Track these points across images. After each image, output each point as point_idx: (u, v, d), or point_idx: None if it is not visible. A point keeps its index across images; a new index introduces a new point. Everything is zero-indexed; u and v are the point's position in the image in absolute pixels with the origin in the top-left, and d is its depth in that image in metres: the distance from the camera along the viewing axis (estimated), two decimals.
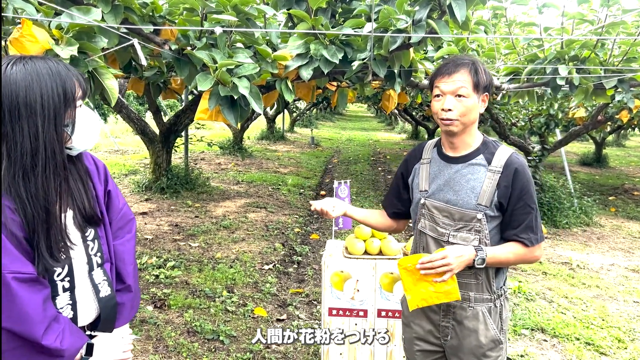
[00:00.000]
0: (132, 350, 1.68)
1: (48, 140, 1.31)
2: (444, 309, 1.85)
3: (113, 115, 17.55)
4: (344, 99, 4.30)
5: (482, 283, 1.80)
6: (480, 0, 2.82)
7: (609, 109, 7.40)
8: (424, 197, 1.86)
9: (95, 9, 2.33)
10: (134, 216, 1.72)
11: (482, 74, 1.72)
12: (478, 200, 1.73)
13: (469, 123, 1.75)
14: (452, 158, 1.83)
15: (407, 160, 2.00)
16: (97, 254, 1.53)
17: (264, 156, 12.86)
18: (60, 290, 1.43)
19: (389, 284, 2.76)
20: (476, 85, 1.71)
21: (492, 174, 1.74)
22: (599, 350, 3.56)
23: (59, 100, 1.32)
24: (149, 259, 4.86)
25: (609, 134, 13.81)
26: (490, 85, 1.77)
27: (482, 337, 1.80)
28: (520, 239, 1.75)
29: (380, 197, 8.45)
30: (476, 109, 1.74)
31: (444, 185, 1.81)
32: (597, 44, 3.57)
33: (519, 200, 1.73)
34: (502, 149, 1.79)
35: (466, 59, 1.75)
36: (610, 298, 4.57)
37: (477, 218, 1.74)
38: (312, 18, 2.95)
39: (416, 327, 1.95)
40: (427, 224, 1.86)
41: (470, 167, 1.78)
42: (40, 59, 1.34)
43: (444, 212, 1.80)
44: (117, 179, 8.72)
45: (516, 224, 1.75)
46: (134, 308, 1.68)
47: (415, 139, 20.13)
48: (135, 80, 4.84)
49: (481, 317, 1.80)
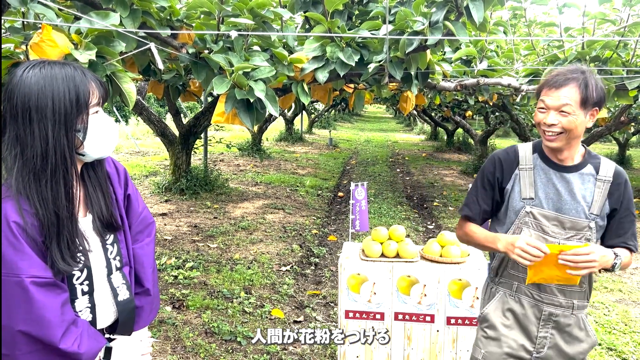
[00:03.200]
0: (150, 353, 1.69)
1: (58, 145, 1.31)
2: (545, 319, 1.85)
3: (134, 117, 17.77)
4: (360, 101, 4.29)
5: (585, 291, 1.84)
6: (498, 1, 2.79)
7: (632, 110, 7.25)
8: (529, 205, 1.81)
9: (113, 14, 2.36)
10: (153, 220, 1.72)
11: (592, 90, 1.67)
12: (590, 209, 1.76)
13: (573, 138, 1.73)
14: (562, 167, 1.81)
15: (501, 164, 1.88)
16: (116, 257, 1.53)
17: (282, 157, 12.89)
18: (79, 294, 1.43)
19: (406, 287, 2.75)
20: (584, 101, 1.66)
21: (602, 184, 1.77)
22: (621, 356, 3.49)
23: (70, 105, 1.32)
24: (168, 259, 4.91)
25: (632, 135, 13.53)
26: (602, 100, 1.71)
27: (585, 343, 1.86)
28: (628, 245, 1.80)
29: (399, 198, 8.41)
30: (582, 125, 1.70)
31: (555, 194, 1.79)
32: (619, 44, 3.51)
33: (626, 209, 1.79)
34: (605, 159, 1.82)
35: (577, 71, 1.69)
36: (634, 303, 4.48)
37: (589, 226, 1.76)
38: (328, 21, 2.96)
39: (510, 341, 1.88)
40: (532, 233, 1.81)
41: (581, 177, 1.78)
42: (58, 64, 1.35)
43: (554, 221, 1.79)
44: (138, 180, 8.83)
45: (623, 232, 1.81)
46: (152, 311, 1.68)
47: (434, 140, 19.99)
48: (155, 83, 4.90)
49: (582, 324, 1.85)
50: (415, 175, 11.18)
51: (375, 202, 7.95)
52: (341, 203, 8.11)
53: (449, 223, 6.88)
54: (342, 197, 8.51)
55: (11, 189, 1.30)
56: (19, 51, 2.16)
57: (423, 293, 2.73)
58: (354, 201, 3.04)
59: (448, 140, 16.93)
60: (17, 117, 1.30)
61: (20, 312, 1.26)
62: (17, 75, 1.30)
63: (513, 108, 7.59)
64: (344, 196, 8.51)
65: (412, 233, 6.34)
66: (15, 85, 1.30)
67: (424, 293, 2.73)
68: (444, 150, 16.30)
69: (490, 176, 1.90)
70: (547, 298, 1.83)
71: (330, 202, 8.21)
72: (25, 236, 1.28)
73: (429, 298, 2.73)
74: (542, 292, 1.83)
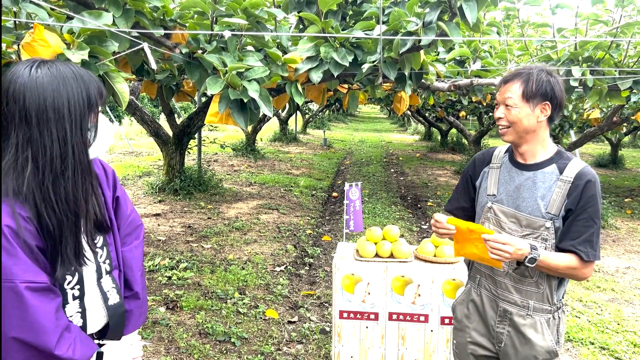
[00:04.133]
0: (142, 357, 1.67)
1: (76, 144, 1.31)
2: (501, 314, 1.86)
3: (127, 117, 17.71)
4: (355, 101, 4.30)
5: (543, 293, 1.80)
6: (491, 2, 2.80)
7: (624, 110, 7.30)
8: (491, 201, 1.88)
9: (106, 13, 2.35)
10: (142, 222, 1.70)
11: (532, 84, 1.72)
12: (547, 208, 1.74)
13: (523, 131, 1.76)
14: (523, 165, 1.84)
15: (474, 163, 2.01)
16: (106, 261, 1.51)
17: (277, 158, 12.88)
18: (70, 299, 1.41)
19: (400, 287, 2.75)
20: (525, 94, 1.73)
21: (563, 183, 1.74)
22: (614, 355, 3.51)
23: (84, 104, 1.32)
24: (162, 260, 4.89)
25: (624, 135, 13.62)
26: (547, 94, 1.73)
27: (539, 347, 1.80)
28: (577, 250, 1.72)
29: (393, 198, 8.42)
30: (528, 118, 1.74)
31: (514, 192, 1.82)
32: (612, 45, 3.53)
33: (584, 212, 1.71)
34: (577, 160, 1.79)
35: (527, 69, 1.77)
36: (626, 302, 4.50)
37: (545, 226, 1.75)
38: (322, 21, 2.95)
39: (471, 332, 1.95)
40: (492, 228, 1.85)
41: (541, 175, 1.78)
42: (61, 64, 1.33)
43: (511, 218, 1.81)
44: (131, 180, 8.80)
45: (575, 235, 1.72)
46: (142, 315, 1.66)
47: (428, 140, 20.03)
48: (148, 83, 4.89)
49: (539, 327, 1.81)
50: (409, 175, 11.20)
51: (370, 202, 7.95)
52: (335, 203, 8.11)
53: None
54: (336, 197, 8.51)
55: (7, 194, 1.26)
56: (10, 51, 2.15)
57: (417, 293, 2.73)
58: (348, 201, 3.04)
59: (442, 140, 16.98)
60: (29, 118, 1.26)
61: (13, 318, 1.24)
62: (24, 76, 1.27)
63: None
64: (338, 196, 8.51)
65: (406, 233, 6.35)
66: (23, 85, 1.26)
67: (418, 293, 2.73)
68: (437, 150, 16.34)
69: (466, 174, 2.04)
70: (502, 294, 1.85)
71: (325, 203, 8.21)
72: (19, 241, 1.25)
73: (423, 298, 2.73)
74: (498, 287, 1.87)
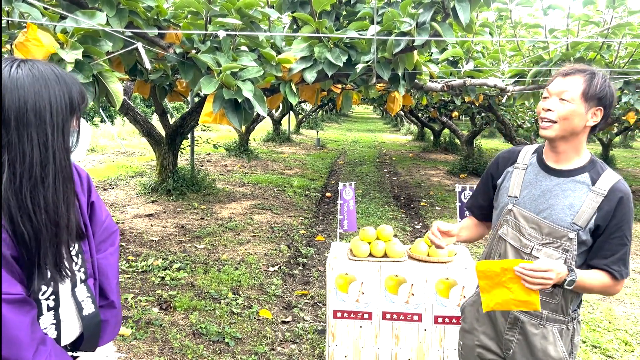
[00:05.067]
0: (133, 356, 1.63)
1: (58, 150, 1.23)
2: (511, 321, 1.80)
3: (120, 117, 17.63)
4: (348, 101, 4.31)
5: (558, 303, 1.73)
6: (484, 2, 2.81)
7: (615, 111, 7.36)
8: (512, 203, 1.79)
9: (100, 13, 2.34)
10: (117, 228, 1.63)
11: (596, 84, 1.62)
12: (575, 219, 1.65)
13: (569, 131, 1.65)
14: (554, 170, 1.73)
15: (498, 161, 1.92)
16: (81, 269, 1.44)
17: (270, 158, 12.88)
18: (45, 310, 1.33)
19: (394, 286, 2.76)
20: (585, 93, 1.61)
21: (595, 195, 1.64)
22: (606, 354, 3.54)
23: (66, 108, 1.25)
24: (155, 260, 4.88)
25: (615, 135, 13.74)
26: (606, 99, 1.64)
27: (550, 358, 1.74)
28: (611, 269, 1.64)
29: (386, 198, 8.44)
30: (580, 118, 1.63)
31: (539, 196, 1.73)
32: (603, 46, 3.56)
33: (618, 230, 1.63)
34: (610, 172, 1.68)
35: (589, 68, 1.67)
36: (617, 301, 4.54)
37: (568, 237, 1.66)
38: (316, 21, 2.96)
39: (480, 335, 1.90)
40: (509, 231, 1.78)
41: (572, 183, 1.68)
42: (42, 63, 1.26)
43: (532, 224, 1.73)
44: (124, 181, 8.76)
45: (609, 254, 1.65)
46: (117, 325, 1.59)
47: (421, 140, 20.10)
48: (141, 83, 4.87)
49: (551, 337, 1.74)
50: (403, 175, 11.23)
51: (363, 202, 7.97)
52: (329, 203, 8.12)
53: None
54: (330, 197, 8.52)
55: None
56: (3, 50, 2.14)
57: (411, 292, 2.74)
58: (341, 201, 3.05)
59: (435, 140, 17.03)
60: (7, 121, 1.18)
61: None
62: (3, 75, 1.19)
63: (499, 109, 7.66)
64: (332, 196, 8.52)
65: (400, 233, 6.36)
66: (2, 86, 1.18)
67: (411, 292, 2.74)
68: (430, 150, 16.39)
69: (488, 173, 1.95)
70: None
71: (318, 203, 8.22)
72: None
73: (416, 297, 2.74)
74: None
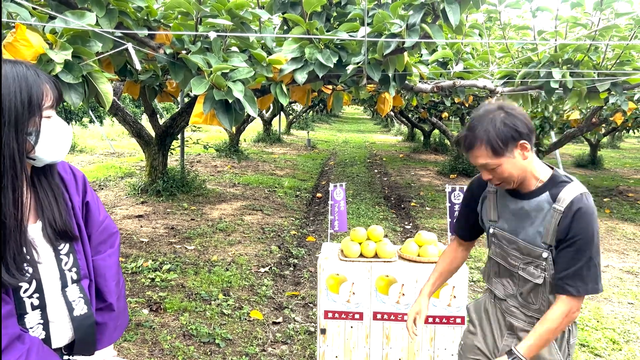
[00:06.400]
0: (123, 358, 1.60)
1: (7, 148, 1.21)
2: (508, 327, 1.86)
3: (109, 118, 17.53)
4: (339, 102, 4.32)
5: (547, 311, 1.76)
6: (474, 4, 2.83)
7: (603, 112, 7.44)
8: (492, 227, 1.84)
9: (89, 13, 2.33)
10: (117, 230, 1.61)
11: (497, 138, 1.58)
12: (543, 238, 1.67)
13: (518, 178, 1.67)
14: (516, 193, 1.76)
15: (472, 188, 1.95)
16: (72, 269, 1.41)
17: (260, 159, 12.86)
18: (29, 308, 1.31)
19: (385, 286, 2.77)
20: (495, 151, 1.60)
21: (555, 212, 1.63)
22: (594, 352, 3.58)
23: (22, 106, 1.22)
24: (145, 262, 4.85)
25: (603, 136, 13.88)
26: (517, 132, 1.59)
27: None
28: (564, 284, 1.63)
29: (377, 198, 8.46)
30: (513, 165, 1.63)
31: (511, 219, 1.77)
32: (591, 48, 3.60)
33: (572, 244, 1.60)
34: (573, 186, 1.65)
35: (477, 125, 1.62)
36: (605, 300, 4.59)
37: (541, 256, 1.68)
38: (306, 22, 2.97)
39: (480, 338, 1.96)
40: (498, 252, 1.84)
41: (534, 204, 1.69)
42: (9, 63, 1.25)
43: (513, 245, 1.77)
44: (113, 181, 8.71)
45: (562, 268, 1.63)
46: (118, 329, 1.55)
47: (411, 141, 20.16)
48: (131, 83, 4.85)
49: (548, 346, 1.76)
50: (393, 176, 11.26)
51: (354, 202, 7.98)
52: (320, 204, 8.13)
53: (426, 223, 6.95)
54: (321, 198, 8.53)
55: None
56: None
57: (401, 292, 2.75)
58: (332, 202, 3.05)
59: (425, 141, 17.10)
60: None
61: None
62: None
63: None
64: (323, 197, 8.53)
65: (390, 233, 6.38)
66: None
67: (402, 292, 2.75)
68: (420, 151, 16.45)
69: (464, 202, 2.02)
70: (509, 309, 1.86)
71: (309, 203, 8.22)
72: None
73: (407, 297, 2.76)
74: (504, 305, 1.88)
